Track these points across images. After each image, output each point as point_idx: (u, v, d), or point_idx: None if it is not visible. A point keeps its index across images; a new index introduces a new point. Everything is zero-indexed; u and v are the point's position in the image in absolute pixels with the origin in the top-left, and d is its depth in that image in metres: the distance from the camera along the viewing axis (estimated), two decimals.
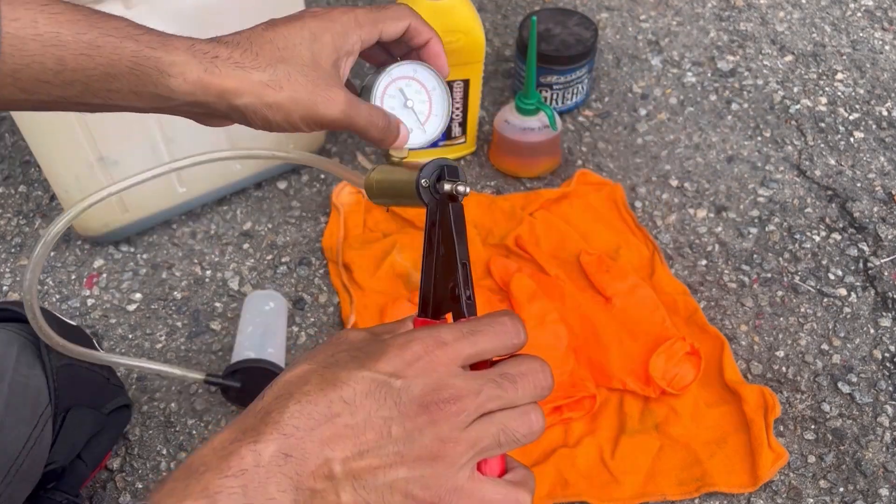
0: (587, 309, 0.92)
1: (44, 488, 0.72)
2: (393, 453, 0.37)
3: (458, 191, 0.47)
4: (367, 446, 0.37)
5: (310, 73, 0.49)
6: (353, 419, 0.37)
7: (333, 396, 0.37)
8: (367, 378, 0.38)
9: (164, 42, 0.46)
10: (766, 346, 0.91)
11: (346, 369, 0.38)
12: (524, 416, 0.40)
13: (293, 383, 0.38)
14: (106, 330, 0.93)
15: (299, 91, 0.49)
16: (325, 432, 0.37)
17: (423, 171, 0.47)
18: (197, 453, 0.37)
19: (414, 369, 0.38)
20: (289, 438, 0.36)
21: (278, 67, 0.48)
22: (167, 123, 0.92)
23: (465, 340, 0.40)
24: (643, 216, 1.04)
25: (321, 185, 1.08)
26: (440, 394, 0.38)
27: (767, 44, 1.27)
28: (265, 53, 0.48)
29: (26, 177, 1.10)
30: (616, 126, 1.15)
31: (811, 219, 1.04)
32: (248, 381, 0.82)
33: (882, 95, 1.19)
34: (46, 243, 0.59)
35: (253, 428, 0.37)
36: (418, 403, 0.38)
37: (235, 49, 0.48)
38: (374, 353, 0.39)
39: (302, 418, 0.37)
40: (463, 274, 0.45)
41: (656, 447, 0.83)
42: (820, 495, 0.81)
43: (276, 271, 0.99)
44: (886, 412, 0.86)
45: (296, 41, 0.49)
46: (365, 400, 0.37)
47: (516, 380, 0.40)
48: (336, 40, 0.50)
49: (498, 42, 1.28)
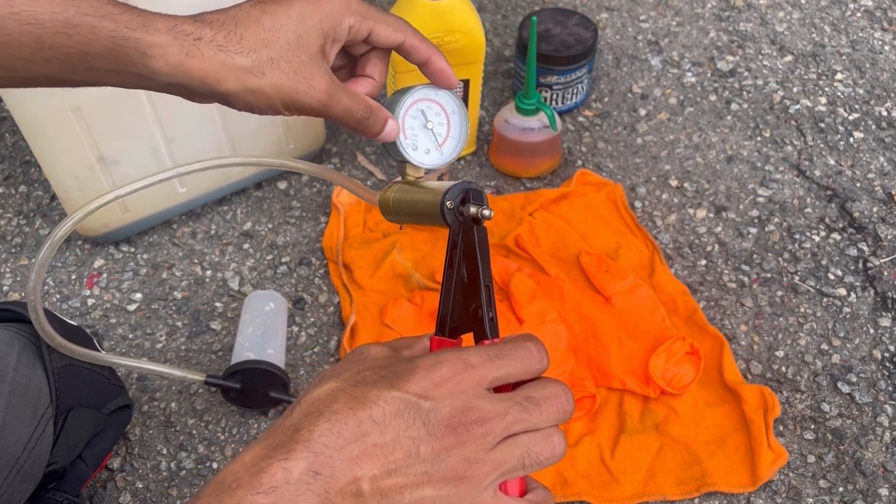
0: (587, 309, 0.92)
1: (44, 488, 0.72)
2: (420, 473, 0.38)
3: (482, 215, 0.48)
4: (395, 465, 0.38)
5: (293, 57, 0.49)
6: (382, 438, 0.38)
7: (363, 416, 0.38)
8: (396, 398, 0.39)
9: (144, 22, 0.45)
10: (765, 346, 0.92)
11: (376, 388, 0.39)
12: (547, 440, 0.41)
13: (322, 401, 0.39)
14: (106, 330, 0.94)
15: (281, 77, 0.48)
16: (355, 451, 0.37)
17: (449, 193, 0.48)
18: (228, 468, 0.37)
19: (442, 391, 0.39)
20: (318, 456, 0.37)
21: (262, 52, 0.48)
22: (168, 123, 0.92)
23: (491, 364, 0.40)
24: (643, 216, 1.04)
25: (321, 186, 1.08)
26: (468, 416, 0.39)
27: (767, 44, 1.27)
28: (249, 35, 0.47)
29: (27, 177, 1.10)
30: (616, 126, 1.15)
31: (811, 219, 1.04)
32: (248, 382, 0.82)
33: (882, 95, 1.19)
34: (52, 245, 0.59)
35: (283, 445, 0.37)
36: (446, 424, 0.39)
37: (220, 30, 0.47)
38: (402, 373, 0.40)
39: (331, 437, 0.37)
40: (486, 296, 0.46)
41: (656, 447, 0.83)
42: (819, 495, 0.81)
43: (276, 271, 0.99)
44: (886, 412, 0.86)
45: (282, 21, 0.48)
46: (394, 420, 0.38)
47: (541, 403, 0.41)
48: (324, 24, 0.50)
49: (498, 42, 1.28)
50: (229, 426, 0.86)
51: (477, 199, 0.49)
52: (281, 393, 0.83)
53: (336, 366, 0.42)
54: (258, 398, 0.84)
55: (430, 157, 0.55)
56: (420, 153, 0.55)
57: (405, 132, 0.55)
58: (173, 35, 0.45)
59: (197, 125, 0.94)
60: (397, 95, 0.55)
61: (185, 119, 0.93)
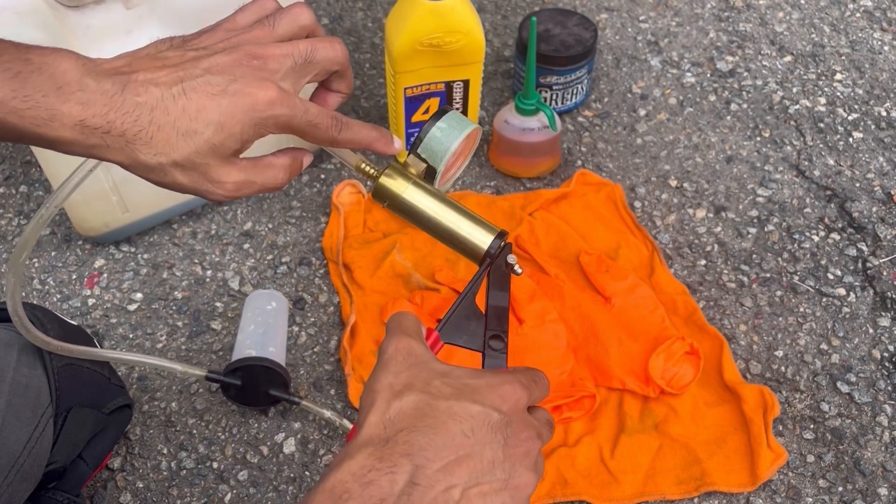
0: (587, 309, 0.92)
1: (45, 488, 0.72)
2: (501, 480, 0.42)
3: (515, 271, 0.55)
4: (481, 473, 0.42)
5: (201, 163, 0.47)
6: (473, 449, 0.42)
7: (455, 430, 0.42)
8: (480, 413, 0.43)
9: (50, 117, 0.43)
10: (765, 346, 0.92)
11: (459, 403, 0.43)
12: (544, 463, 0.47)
13: (413, 416, 0.42)
14: (107, 330, 0.94)
15: (185, 179, 0.47)
16: (450, 462, 0.41)
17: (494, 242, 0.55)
18: (335, 476, 0.40)
19: (508, 407, 0.44)
20: (419, 469, 0.40)
21: (169, 156, 0.46)
22: None
23: (530, 388, 0.47)
24: (642, 216, 1.04)
25: (321, 186, 1.08)
26: (530, 431, 0.45)
27: (766, 44, 1.27)
28: (160, 138, 0.45)
29: (27, 177, 1.10)
30: (615, 126, 1.15)
31: (810, 219, 1.04)
32: (248, 379, 0.82)
33: (881, 96, 1.19)
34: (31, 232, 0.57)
35: (388, 458, 0.40)
36: (518, 437, 0.44)
37: (133, 125, 0.44)
38: (477, 388, 0.44)
39: (431, 450, 0.41)
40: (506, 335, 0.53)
41: (656, 447, 0.83)
42: (819, 495, 0.81)
43: (276, 271, 0.99)
44: (885, 412, 0.86)
45: (199, 128, 0.46)
46: (481, 432, 0.42)
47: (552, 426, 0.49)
48: (244, 131, 0.47)
49: (498, 42, 1.28)
50: (230, 426, 0.86)
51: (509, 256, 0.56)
52: (281, 391, 0.83)
53: (394, 370, 0.45)
54: (258, 396, 0.84)
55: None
56: None
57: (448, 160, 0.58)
58: (79, 131, 0.44)
59: None
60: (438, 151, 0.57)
61: None
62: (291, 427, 0.86)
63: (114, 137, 0.45)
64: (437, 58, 0.95)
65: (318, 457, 0.84)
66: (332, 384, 0.89)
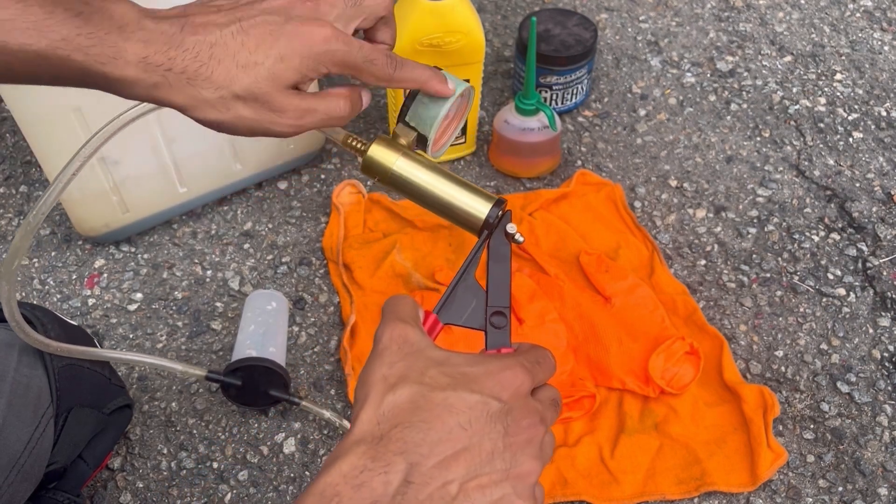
0: (587, 309, 0.92)
1: (45, 488, 0.72)
2: (501, 471, 0.41)
3: (516, 240, 0.52)
4: (480, 465, 0.40)
5: (262, 95, 0.48)
6: (471, 441, 0.40)
7: (452, 423, 0.40)
8: (478, 402, 0.41)
9: (115, 55, 0.44)
10: (765, 346, 0.92)
11: (456, 393, 0.42)
12: (553, 442, 0.47)
13: (407, 410, 0.41)
14: (107, 330, 0.94)
15: (246, 112, 0.48)
16: (447, 456, 0.40)
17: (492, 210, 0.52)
18: (325, 479, 0.38)
19: (509, 394, 0.43)
20: (414, 467, 0.39)
21: (229, 88, 0.47)
22: (168, 123, 0.92)
23: (534, 371, 0.45)
24: (642, 216, 1.04)
25: (321, 186, 1.08)
26: (533, 417, 0.43)
27: (766, 44, 1.27)
28: (221, 71, 0.46)
29: (27, 177, 1.10)
30: (615, 126, 1.15)
31: (810, 219, 1.04)
32: (248, 380, 0.82)
33: (881, 96, 1.19)
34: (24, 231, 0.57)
35: (381, 457, 0.39)
36: (519, 425, 0.42)
37: (193, 60, 0.46)
38: (474, 376, 0.43)
39: (425, 446, 0.40)
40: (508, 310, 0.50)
41: (656, 447, 0.83)
42: (819, 495, 0.81)
43: (276, 271, 0.99)
44: (885, 412, 0.86)
45: (259, 59, 0.47)
46: (479, 423, 0.41)
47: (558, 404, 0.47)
48: (303, 65, 0.48)
49: (498, 42, 1.28)
50: (230, 426, 0.86)
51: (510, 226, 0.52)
52: (281, 392, 0.83)
53: (388, 360, 0.44)
54: (258, 396, 0.84)
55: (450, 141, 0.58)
56: None
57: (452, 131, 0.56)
58: (143, 68, 0.45)
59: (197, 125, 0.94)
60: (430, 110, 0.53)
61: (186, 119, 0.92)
62: (291, 427, 0.86)
63: (175, 75, 0.46)
64: (437, 58, 0.95)
65: (318, 457, 0.84)
66: (332, 384, 0.89)
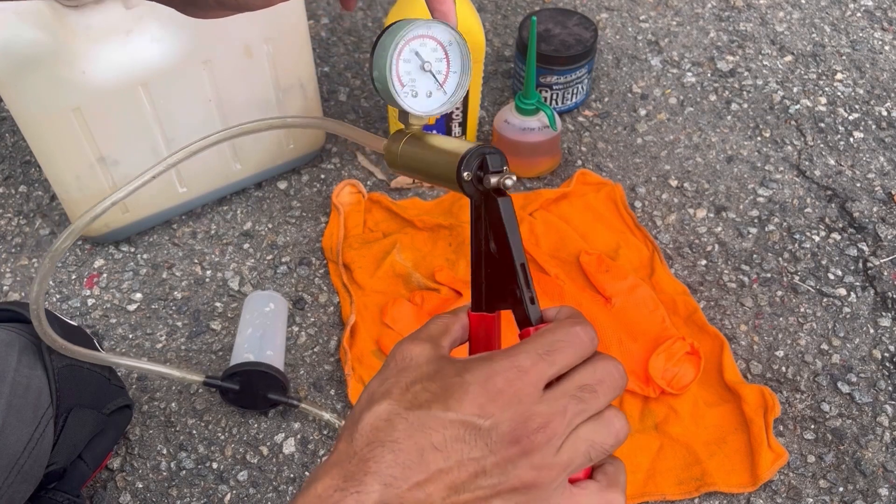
0: (587, 309, 0.92)
1: (45, 488, 0.72)
2: (488, 486, 0.38)
3: (504, 185, 0.43)
4: (462, 485, 0.38)
5: None
6: (447, 463, 0.37)
7: (424, 444, 0.38)
8: (455, 422, 0.38)
9: None
10: (765, 346, 0.92)
11: (432, 412, 0.38)
12: (609, 427, 0.40)
13: (382, 430, 0.38)
14: (106, 330, 0.94)
15: None
16: (421, 478, 0.37)
17: (465, 162, 0.44)
18: (302, 499, 0.37)
19: (498, 404, 0.38)
20: (388, 487, 0.37)
21: None
22: (167, 123, 0.92)
23: (543, 362, 0.39)
24: (643, 216, 1.04)
25: (321, 185, 1.08)
26: (529, 425, 0.38)
27: (767, 44, 1.27)
28: None
29: (27, 177, 1.10)
30: (616, 126, 1.15)
31: (811, 219, 1.04)
32: (246, 384, 0.82)
33: (882, 95, 1.19)
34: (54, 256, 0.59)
35: (354, 477, 0.37)
36: (509, 439, 0.38)
37: None
38: (455, 391, 0.39)
39: (397, 468, 0.37)
40: (523, 275, 0.43)
41: (656, 447, 0.83)
42: (819, 495, 0.81)
43: (276, 271, 0.99)
44: (886, 412, 0.86)
45: None
46: (456, 444, 0.38)
47: (596, 389, 0.39)
48: None
49: (498, 42, 1.28)
50: (229, 426, 0.86)
51: (497, 164, 0.44)
52: (279, 395, 0.83)
53: (382, 376, 0.41)
54: (257, 399, 0.84)
55: (433, 100, 0.50)
56: (421, 99, 0.49)
57: (401, 79, 0.48)
58: None
59: (197, 125, 0.94)
60: (386, 38, 0.48)
61: (185, 119, 0.93)
62: (291, 427, 0.86)
63: None
64: None
65: (317, 457, 0.84)
66: (332, 384, 0.89)
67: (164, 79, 0.88)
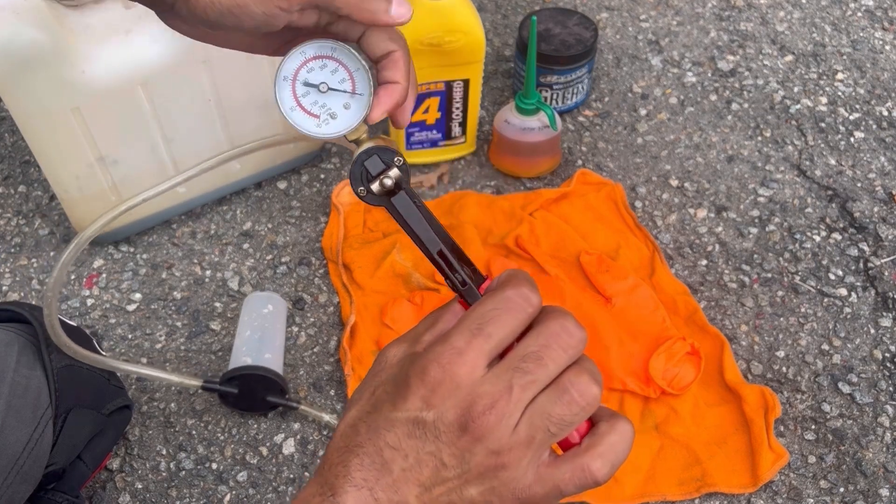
0: (587, 309, 0.92)
1: (44, 489, 0.72)
2: (455, 477, 0.38)
3: (384, 184, 0.42)
4: (429, 481, 0.38)
5: None
6: (407, 462, 0.38)
7: (381, 444, 0.38)
8: (401, 420, 0.38)
9: None
10: (766, 346, 0.91)
11: (384, 413, 0.38)
12: (565, 394, 0.38)
13: (348, 435, 0.39)
14: (106, 330, 0.93)
15: None
16: (388, 479, 0.38)
17: (352, 178, 0.43)
18: None
19: (440, 394, 0.37)
20: (360, 490, 0.37)
21: None
22: (167, 123, 0.92)
23: (478, 339, 0.38)
24: (643, 216, 1.04)
25: (321, 186, 1.08)
26: (474, 409, 0.37)
27: (767, 44, 1.27)
28: None
29: (26, 177, 1.10)
30: (616, 126, 1.15)
31: (811, 219, 1.04)
32: (245, 388, 0.82)
33: (882, 95, 1.19)
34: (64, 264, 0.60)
35: (329, 482, 0.38)
36: (456, 427, 0.37)
37: None
38: (401, 387, 0.38)
39: (364, 471, 0.38)
40: (444, 263, 0.42)
41: (656, 447, 0.83)
42: (820, 495, 0.81)
43: (275, 271, 0.99)
44: (887, 412, 0.86)
45: None
46: (408, 441, 0.38)
47: (542, 355, 0.38)
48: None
49: (498, 42, 1.28)
50: (229, 427, 0.86)
51: (377, 166, 0.42)
52: (278, 397, 0.83)
53: (363, 381, 0.42)
54: (256, 402, 0.84)
55: (338, 121, 0.45)
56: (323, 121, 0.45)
57: (301, 104, 0.45)
58: None
59: (196, 125, 0.94)
60: (282, 61, 0.45)
61: (185, 119, 0.93)
62: (291, 428, 0.86)
63: None
64: (437, 57, 0.95)
65: (317, 458, 0.84)
66: (331, 384, 0.89)
67: (163, 79, 0.88)
